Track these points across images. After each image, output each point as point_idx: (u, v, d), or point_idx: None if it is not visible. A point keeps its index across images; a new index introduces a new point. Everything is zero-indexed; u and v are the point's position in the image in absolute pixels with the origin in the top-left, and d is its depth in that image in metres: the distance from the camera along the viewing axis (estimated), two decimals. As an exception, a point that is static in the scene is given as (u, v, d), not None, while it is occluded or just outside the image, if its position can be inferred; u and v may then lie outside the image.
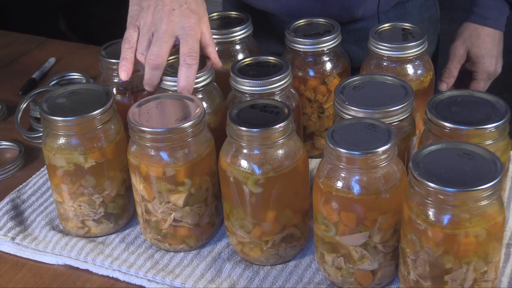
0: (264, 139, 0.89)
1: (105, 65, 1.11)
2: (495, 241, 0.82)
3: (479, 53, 1.31)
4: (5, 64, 1.57)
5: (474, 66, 1.33)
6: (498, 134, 0.90)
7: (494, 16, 1.30)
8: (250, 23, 1.18)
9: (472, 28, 1.32)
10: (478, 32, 1.31)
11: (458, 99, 0.95)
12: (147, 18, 1.01)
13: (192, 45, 0.99)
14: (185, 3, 1.00)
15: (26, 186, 1.16)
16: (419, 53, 1.07)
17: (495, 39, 1.32)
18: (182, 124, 0.92)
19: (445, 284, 0.82)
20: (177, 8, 1.00)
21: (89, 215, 1.03)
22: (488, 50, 1.31)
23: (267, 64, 1.05)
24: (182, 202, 0.96)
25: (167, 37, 0.99)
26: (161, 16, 1.00)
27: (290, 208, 0.95)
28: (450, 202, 0.78)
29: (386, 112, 0.93)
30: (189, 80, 0.99)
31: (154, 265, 0.99)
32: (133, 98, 1.11)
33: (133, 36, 1.02)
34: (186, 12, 1.00)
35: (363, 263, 0.89)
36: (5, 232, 1.06)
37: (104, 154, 1.00)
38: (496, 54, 1.32)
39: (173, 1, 1.00)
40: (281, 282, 0.95)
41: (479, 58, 1.32)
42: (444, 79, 1.32)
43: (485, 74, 1.33)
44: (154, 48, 0.99)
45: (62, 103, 1.00)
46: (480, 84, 1.34)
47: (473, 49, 1.31)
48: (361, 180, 0.85)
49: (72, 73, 1.44)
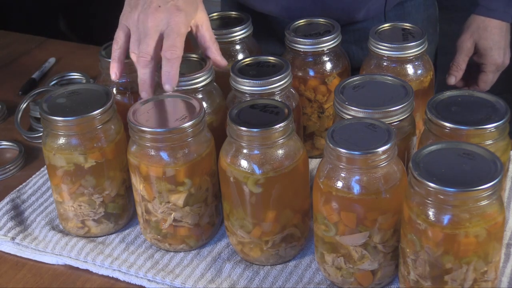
0: (264, 139, 0.89)
1: (105, 65, 1.10)
2: (495, 241, 0.82)
3: (487, 46, 1.31)
4: (5, 64, 1.57)
5: (482, 59, 1.32)
6: (498, 134, 0.90)
7: (500, 7, 1.30)
8: (250, 23, 1.18)
9: (479, 20, 1.31)
10: (485, 25, 1.30)
11: (458, 99, 0.95)
12: (135, 16, 1.01)
13: (173, 40, 0.98)
14: (172, 1, 1.00)
15: (26, 186, 1.16)
16: (419, 53, 1.07)
17: (502, 30, 1.31)
18: (182, 124, 0.92)
19: (445, 284, 0.82)
20: (163, 5, 0.99)
21: (89, 215, 1.03)
22: (495, 42, 1.31)
23: (267, 64, 1.05)
24: (182, 202, 0.96)
25: (153, 33, 0.99)
26: (146, 13, 1.00)
27: (290, 208, 0.95)
28: (450, 202, 0.78)
29: (386, 112, 0.93)
30: (170, 75, 0.98)
31: (154, 265, 0.99)
32: (133, 98, 1.11)
33: (121, 36, 1.03)
34: (172, 9, 0.99)
35: (363, 263, 0.89)
36: (5, 232, 1.06)
37: (104, 154, 1.00)
38: (504, 45, 1.32)
39: None
40: (281, 282, 0.95)
41: (487, 51, 1.31)
42: (452, 72, 1.32)
43: (493, 66, 1.32)
44: (142, 46, 0.99)
45: (62, 103, 1.00)
46: (489, 76, 1.34)
47: (480, 41, 1.31)
48: (361, 180, 0.85)
49: (72, 73, 1.44)
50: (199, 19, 1.04)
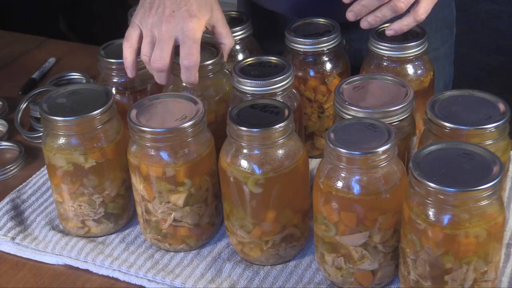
0: (264, 139, 0.89)
1: (104, 64, 1.11)
2: (495, 241, 0.82)
3: None
4: (5, 64, 1.57)
5: None
6: (498, 134, 0.90)
7: None
8: (250, 23, 1.18)
9: None
10: None
11: (458, 99, 0.95)
12: (149, 19, 1.02)
13: (189, 47, 0.99)
14: (185, 5, 1.01)
15: (26, 186, 1.16)
16: (419, 53, 1.07)
17: None
18: (182, 124, 0.92)
19: (445, 284, 0.82)
20: (176, 11, 1.00)
21: (89, 215, 1.03)
22: None
23: (269, 64, 1.05)
24: (182, 202, 0.96)
25: (168, 39, 1.00)
26: (161, 18, 1.01)
27: (290, 208, 0.95)
28: (450, 202, 0.78)
29: (386, 112, 0.93)
30: (190, 81, 1.01)
31: (154, 265, 0.99)
32: (133, 98, 1.11)
33: (133, 36, 1.04)
34: (185, 15, 1.00)
35: (363, 263, 0.89)
36: (5, 232, 1.06)
37: (104, 154, 1.00)
38: None
39: (173, 3, 1.01)
40: (281, 282, 0.95)
41: None
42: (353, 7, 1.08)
43: None
44: (156, 52, 1.00)
45: (62, 103, 1.00)
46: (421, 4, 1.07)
47: None
48: (361, 180, 0.85)
49: (72, 73, 1.44)
50: (214, 18, 1.04)
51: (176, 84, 1.06)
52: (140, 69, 1.06)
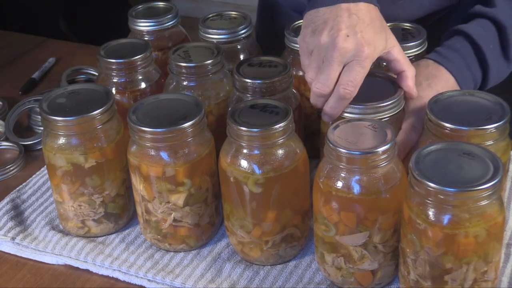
0: (264, 139, 0.89)
1: (104, 64, 1.10)
2: (495, 241, 0.82)
3: None
4: (5, 64, 1.57)
5: None
6: (498, 135, 0.90)
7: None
8: (250, 23, 1.18)
9: None
10: None
11: (458, 99, 0.95)
12: (319, 40, 0.93)
13: (354, 76, 0.91)
14: (361, 32, 0.91)
15: (26, 186, 1.16)
16: (419, 53, 1.07)
17: None
18: (182, 124, 0.92)
19: (445, 284, 0.82)
20: (352, 36, 0.91)
21: (89, 215, 1.03)
22: None
23: (269, 64, 1.05)
24: (182, 202, 0.96)
25: (336, 65, 0.92)
26: (333, 41, 0.91)
27: (290, 208, 0.95)
28: (450, 202, 0.78)
29: (377, 108, 0.92)
30: (334, 111, 0.94)
31: (154, 265, 0.99)
32: (133, 98, 1.11)
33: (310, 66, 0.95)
34: (361, 41, 0.91)
35: (363, 263, 0.89)
36: (5, 232, 1.06)
37: (104, 154, 1.00)
38: None
39: (348, 27, 0.91)
40: (281, 282, 0.95)
41: None
42: None
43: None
44: (321, 76, 0.92)
45: (62, 103, 1.00)
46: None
47: None
48: (361, 180, 0.85)
49: (88, 69, 1.45)
50: (389, 44, 0.95)
51: (176, 84, 1.06)
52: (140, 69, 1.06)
